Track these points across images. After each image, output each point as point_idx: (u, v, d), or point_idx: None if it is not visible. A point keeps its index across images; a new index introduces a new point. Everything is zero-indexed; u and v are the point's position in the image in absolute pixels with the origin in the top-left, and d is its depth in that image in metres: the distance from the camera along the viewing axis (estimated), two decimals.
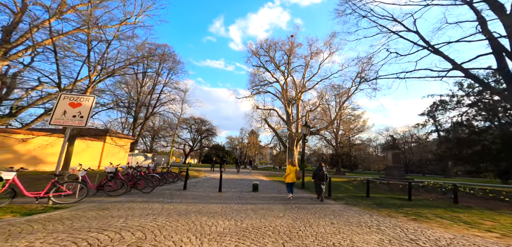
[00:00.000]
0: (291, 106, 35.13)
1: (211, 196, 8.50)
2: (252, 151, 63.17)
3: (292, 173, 8.61)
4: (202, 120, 50.40)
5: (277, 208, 6.91)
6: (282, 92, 35.24)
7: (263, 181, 16.02)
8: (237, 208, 6.70)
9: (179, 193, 8.80)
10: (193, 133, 49.96)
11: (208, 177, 16.88)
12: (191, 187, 10.77)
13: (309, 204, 7.88)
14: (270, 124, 35.51)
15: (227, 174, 20.79)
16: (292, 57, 35.55)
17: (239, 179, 16.76)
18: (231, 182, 13.94)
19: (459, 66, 14.44)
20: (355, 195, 10.47)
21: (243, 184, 13.25)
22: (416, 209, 7.62)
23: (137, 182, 8.46)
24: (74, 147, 11.91)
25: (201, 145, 54.45)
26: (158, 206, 6.39)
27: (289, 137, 33.77)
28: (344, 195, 10.22)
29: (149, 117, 28.39)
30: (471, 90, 17.30)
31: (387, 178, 15.59)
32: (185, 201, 7.31)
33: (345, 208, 7.33)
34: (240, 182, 14.18)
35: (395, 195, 10.93)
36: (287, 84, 35.15)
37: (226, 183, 13.45)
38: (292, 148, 32.62)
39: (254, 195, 9.28)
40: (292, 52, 34.67)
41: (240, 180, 15.57)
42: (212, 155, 54.70)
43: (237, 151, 62.85)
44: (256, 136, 63.38)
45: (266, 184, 13.80)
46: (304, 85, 34.29)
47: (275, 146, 59.97)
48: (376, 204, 8.28)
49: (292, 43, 34.77)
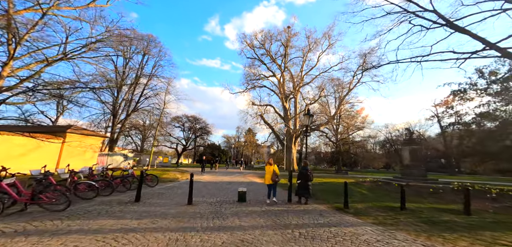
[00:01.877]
0: (288, 101, 32.18)
1: (170, 214, 5.41)
2: (249, 150, 60.08)
3: (269, 173, 7.44)
4: (196, 118, 47.10)
5: (270, 237, 3.87)
6: (278, 86, 32.28)
7: (256, 184, 12.96)
8: (198, 242, 3.64)
9: (119, 209, 5.68)
10: (186, 132, 46.63)
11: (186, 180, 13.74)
12: (154, 197, 7.65)
13: (320, 225, 4.86)
14: (267, 121, 32.53)
15: (216, 175, 17.69)
16: (289, 49, 32.61)
17: (227, 182, 13.66)
18: (214, 187, 10.85)
19: (493, 45, 11.57)
20: (381, 204, 7.49)
21: (229, 190, 10.17)
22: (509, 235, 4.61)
23: (38, 197, 5.21)
24: (17, 147, 8.73)
25: (195, 144, 51.14)
26: None
27: (287, 134, 30.82)
28: (366, 206, 7.23)
29: (131, 113, 25.07)
30: (495, 78, 14.46)
31: (404, 178, 12.66)
32: (112, 225, 4.21)
33: (384, 235, 4.31)
34: (226, 187, 11.09)
35: (439, 205, 7.96)
36: (284, 78, 32.19)
37: (208, 188, 10.36)
38: (290, 145, 29.67)
39: (239, 210, 6.21)
40: (288, 43, 31.69)
41: (227, 184, 12.48)
42: (207, 154, 51.57)
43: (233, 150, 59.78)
44: (253, 134, 60.33)
45: (259, 189, 10.76)
46: (302, 78, 31.36)
47: (272, 145, 56.99)
48: (425, 223, 5.29)
49: (289, 34, 31.78)
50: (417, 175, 12.33)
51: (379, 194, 9.45)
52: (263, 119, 31.91)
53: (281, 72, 31.98)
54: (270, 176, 7.32)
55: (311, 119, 9.96)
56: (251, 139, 56.68)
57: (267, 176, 7.45)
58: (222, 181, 13.59)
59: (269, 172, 7.39)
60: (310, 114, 9.98)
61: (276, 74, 32.59)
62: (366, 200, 8.17)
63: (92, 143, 15.34)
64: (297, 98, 31.54)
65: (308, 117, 9.94)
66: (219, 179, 14.79)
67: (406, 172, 12.86)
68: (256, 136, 61.41)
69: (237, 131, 60.07)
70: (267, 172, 7.48)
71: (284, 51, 32.05)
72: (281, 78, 31.96)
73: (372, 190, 10.75)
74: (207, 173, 19.82)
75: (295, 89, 30.65)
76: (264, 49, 33.45)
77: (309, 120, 9.98)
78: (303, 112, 30.71)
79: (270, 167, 7.44)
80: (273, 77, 33.07)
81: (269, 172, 7.42)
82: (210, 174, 18.82)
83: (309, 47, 31.35)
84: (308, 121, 9.97)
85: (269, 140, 49.52)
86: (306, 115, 9.98)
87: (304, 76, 31.37)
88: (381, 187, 11.64)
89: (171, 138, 44.19)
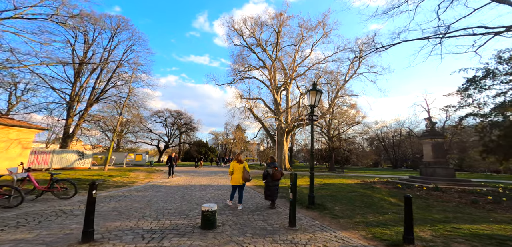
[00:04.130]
0: (279, 93, 29.07)
1: None
2: (238, 147, 56.51)
3: (238, 172, 5.84)
4: (180, 113, 42.75)
5: None
6: (269, 77, 29.04)
7: None
8: None
9: None
10: (169, 128, 42.14)
11: (152, 184, 10.09)
12: (33, 220, 4.02)
13: None
14: (256, 115, 29.22)
15: (194, 176, 14.11)
16: (281, 38, 29.41)
17: (202, 186, 10.20)
18: (176, 197, 7.34)
19: None
20: (456, 229, 4.42)
21: (198, 202, 6.71)
22: None
23: None
24: None
25: (180, 141, 46.71)
26: None
27: (278, 128, 27.72)
28: (434, 233, 4.10)
29: (94, 103, 20.52)
30: None
31: (426, 178, 9.94)
32: None
33: None
34: (196, 197, 7.63)
35: None
36: (275, 68, 28.97)
37: (165, 198, 6.83)
38: (281, 141, 26.60)
39: None
40: (281, 29, 28.48)
41: (200, 190, 9.02)
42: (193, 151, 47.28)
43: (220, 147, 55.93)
44: (242, 131, 56.82)
45: (245, 196, 7.44)
46: (295, 69, 28.35)
47: (262, 141, 53.89)
48: None
49: (281, 20, 28.55)
50: (443, 174, 9.64)
51: (418, 205, 6.46)
52: (252, 113, 28.56)
53: (272, 62, 28.74)
54: (241, 175, 5.83)
55: (318, 97, 6.79)
56: (240, 136, 53.13)
57: (236, 175, 5.88)
58: (196, 185, 10.07)
59: (239, 170, 5.87)
60: (318, 90, 6.79)
61: (266, 64, 29.32)
62: (422, 220, 5.11)
63: (20, 136, 11.11)
64: (289, 90, 28.55)
65: (315, 93, 6.74)
66: (194, 182, 11.25)
67: (428, 171, 10.16)
68: (245, 133, 58.02)
69: (226, 128, 56.24)
70: (236, 170, 5.92)
71: (276, 38, 28.82)
72: (272, 68, 28.72)
73: (396, 196, 7.79)
74: (185, 174, 16.13)
75: (287, 80, 27.61)
76: (254, 38, 30.05)
77: (317, 98, 6.79)
78: (296, 105, 27.77)
79: (240, 165, 5.91)
80: (264, 68, 29.77)
81: (239, 170, 5.88)
82: (187, 175, 15.18)
83: (302, 37, 28.40)
84: (315, 100, 6.78)
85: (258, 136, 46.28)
86: (312, 90, 6.77)
87: (297, 67, 28.39)
88: (404, 190, 8.78)
89: (152, 134, 39.60)
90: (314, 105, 6.79)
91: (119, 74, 22.60)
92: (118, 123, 17.89)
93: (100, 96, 21.04)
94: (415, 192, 8.20)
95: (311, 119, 6.81)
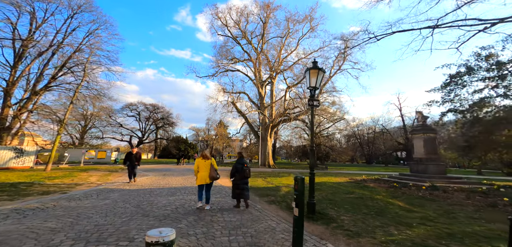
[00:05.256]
0: (264, 87, 27.64)
1: None
2: (220, 144, 53.97)
3: (204, 169, 5.01)
4: (156, 106, 38.82)
5: None
6: (254, 71, 27.39)
7: (221, 191, 7.88)
8: None
9: None
10: (143, 122, 38.02)
11: (102, 188, 7.82)
12: None
13: None
14: (240, 109, 27.40)
15: (167, 176, 11.90)
16: (267, 30, 27.86)
17: (171, 190, 8.26)
18: (128, 207, 5.36)
19: None
20: None
21: (152, 217, 4.84)
22: None
23: None
24: None
25: (157, 136, 42.69)
26: None
27: (262, 124, 26.30)
28: None
29: (41, 92, 16.60)
30: (492, 62, 12.43)
31: (417, 176, 9.33)
32: None
33: None
34: (157, 206, 5.72)
35: None
36: (260, 61, 27.40)
37: (109, 211, 4.80)
38: (265, 136, 25.25)
39: None
40: (267, 21, 26.89)
41: (167, 196, 7.09)
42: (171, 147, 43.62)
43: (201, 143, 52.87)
44: (224, 127, 54.35)
45: (222, 202, 5.74)
46: (280, 62, 27.12)
47: (245, 138, 52.20)
48: None
49: (268, 12, 26.95)
50: (435, 171, 9.09)
51: (434, 209, 5.43)
52: (236, 107, 26.67)
53: (257, 55, 27.09)
54: (208, 173, 5.03)
55: (320, 77, 5.35)
56: (222, 132, 50.70)
57: (202, 173, 5.04)
58: (163, 188, 8.04)
59: (206, 167, 5.08)
60: (320, 69, 5.34)
61: (251, 57, 27.58)
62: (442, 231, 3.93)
63: None
64: (274, 84, 27.30)
65: (316, 72, 5.29)
66: (163, 183, 9.16)
67: (420, 168, 9.57)
68: (228, 129, 55.67)
69: (207, 124, 53.20)
70: (202, 168, 5.08)
71: (262, 30, 27.19)
72: (257, 62, 27.09)
73: (400, 197, 6.81)
74: (156, 173, 13.74)
75: (273, 73, 26.27)
76: (239, 30, 28.02)
77: (318, 79, 5.34)
78: (281, 99, 26.60)
79: (206, 162, 5.13)
80: (249, 61, 27.97)
81: (205, 167, 5.08)
82: (159, 174, 12.88)
83: (288, 31, 27.24)
84: (316, 81, 5.33)
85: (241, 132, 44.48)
86: (313, 69, 5.30)
87: (282, 61, 27.18)
88: (401, 190, 7.93)
89: (123, 129, 35.26)
90: (315, 87, 5.34)
91: (77, 60, 18.81)
92: (67, 114, 14.56)
93: (50, 84, 17.12)
94: (415, 192, 7.36)
95: (311, 104, 5.36)
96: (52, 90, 18.35)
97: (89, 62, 16.74)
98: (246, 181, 5.31)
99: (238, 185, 5.20)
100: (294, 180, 2.98)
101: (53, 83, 17.66)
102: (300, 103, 26.63)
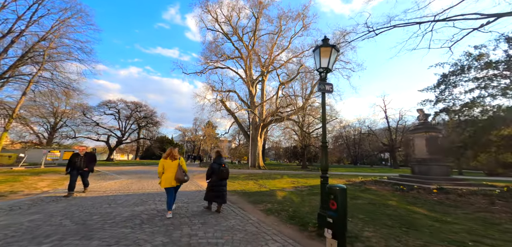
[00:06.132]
0: (255, 86, 26.45)
1: None
2: (208, 145, 51.70)
3: (170, 170, 4.28)
4: (138, 104, 35.90)
5: None
6: (245, 68, 26.13)
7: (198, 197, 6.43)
8: None
9: None
10: (123, 121, 34.88)
11: (44, 197, 6.01)
12: None
13: None
14: (229, 108, 25.92)
15: (139, 178, 10.14)
16: (258, 28, 26.76)
17: (138, 195, 6.68)
18: (61, 230, 3.76)
19: None
20: None
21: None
22: None
23: None
24: None
25: (139, 136, 39.57)
26: None
27: (252, 123, 25.02)
28: None
29: (5, 83, 13.87)
30: (483, 62, 12.42)
31: (420, 177, 8.64)
32: None
33: None
34: (104, 229, 4.17)
35: None
36: (251, 58, 26.22)
37: (27, 237, 3.19)
38: (255, 137, 23.99)
39: None
40: (260, 16, 25.79)
41: (132, 207, 5.52)
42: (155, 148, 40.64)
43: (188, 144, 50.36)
44: (213, 127, 52.23)
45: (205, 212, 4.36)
46: (272, 61, 26.14)
47: (234, 138, 50.54)
48: None
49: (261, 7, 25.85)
50: (439, 173, 8.44)
51: (469, 219, 4.51)
52: (224, 105, 25.16)
53: (248, 52, 25.85)
54: (174, 174, 4.23)
55: (334, 58, 4.22)
56: (210, 132, 48.60)
57: (168, 175, 4.21)
58: (133, 194, 6.42)
59: (172, 168, 4.26)
60: (333, 46, 4.20)
61: (242, 54, 26.30)
62: None
63: None
64: (266, 82, 26.24)
65: (329, 51, 4.15)
66: (134, 188, 7.50)
67: (422, 169, 8.90)
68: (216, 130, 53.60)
69: (195, 124, 50.77)
70: (168, 168, 4.24)
71: (255, 26, 26.00)
72: (247, 59, 25.86)
73: (416, 203, 5.89)
74: (132, 175, 11.84)
75: (264, 71, 25.20)
76: (230, 25, 26.61)
77: (331, 59, 4.20)
78: (273, 97, 25.52)
79: (173, 162, 4.31)
80: (239, 58, 26.61)
81: (171, 168, 4.25)
82: (135, 176, 11.04)
83: (280, 28, 26.39)
84: (328, 62, 4.19)
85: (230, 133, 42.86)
86: (324, 47, 4.16)
87: (274, 59, 26.20)
88: (408, 193, 7.09)
89: (100, 128, 32.00)
90: (327, 68, 4.20)
91: (42, 50, 16.18)
92: (17, 107, 12.18)
93: (5, 75, 14.37)
94: (426, 196, 6.53)
95: (322, 89, 4.19)
96: (8, 83, 15.54)
97: (51, 49, 14.32)
98: (224, 183, 4.78)
99: (213, 187, 4.67)
100: (328, 191, 1.75)
101: (8, 74, 14.90)
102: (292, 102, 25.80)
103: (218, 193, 4.62)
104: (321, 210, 3.82)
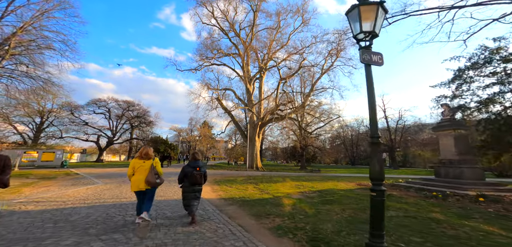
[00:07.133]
0: (253, 83, 25.04)
1: None
2: (204, 145, 49.89)
3: (141, 171, 3.64)
4: (130, 103, 33.96)
5: None
6: (242, 65, 24.69)
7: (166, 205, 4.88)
8: None
9: None
10: (114, 120, 32.87)
11: None
12: None
13: None
14: (225, 106, 24.40)
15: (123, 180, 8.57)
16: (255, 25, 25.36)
17: (113, 205, 5.09)
18: None
19: None
20: None
21: None
22: None
23: None
24: None
25: (132, 137, 37.55)
26: None
27: (250, 122, 23.55)
28: None
29: None
30: (500, 56, 11.29)
31: (451, 182, 7.34)
32: None
33: None
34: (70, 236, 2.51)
35: None
36: (249, 55, 24.81)
37: None
38: (253, 136, 22.50)
39: None
40: (258, 10, 24.40)
41: (67, 232, 3.85)
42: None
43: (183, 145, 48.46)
44: (209, 127, 50.50)
45: None
46: (270, 57, 24.81)
47: (230, 139, 48.94)
48: None
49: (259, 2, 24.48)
50: (472, 176, 7.16)
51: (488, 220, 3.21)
52: (221, 104, 23.61)
53: (245, 48, 24.43)
54: (144, 176, 3.61)
55: (380, 21, 2.84)
56: (206, 132, 46.86)
57: (138, 177, 3.62)
58: (105, 205, 4.85)
59: (143, 170, 3.64)
60: (380, 3, 2.80)
61: (239, 50, 24.86)
62: None
63: None
64: (264, 79, 24.87)
65: (376, 7, 2.75)
66: (109, 196, 5.92)
67: (450, 173, 7.60)
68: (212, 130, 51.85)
69: (190, 124, 48.93)
70: (139, 170, 3.64)
71: (253, 20, 24.59)
72: (245, 55, 24.43)
73: (470, 217, 4.56)
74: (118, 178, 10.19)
75: (263, 67, 23.83)
76: (226, 21, 25.11)
77: (377, 22, 2.81)
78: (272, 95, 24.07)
79: (145, 163, 3.69)
80: (237, 55, 25.15)
81: (142, 169, 3.64)
82: (121, 179, 9.42)
83: (279, 25, 25.10)
84: (374, 24, 2.79)
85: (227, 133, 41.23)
86: (365, 5, 2.77)
87: (273, 55, 24.86)
88: (444, 201, 5.77)
89: (89, 128, 29.95)
90: (373, 32, 2.79)
91: (20, 41, 14.39)
92: None
93: None
94: (472, 206, 5.21)
95: (367, 60, 2.77)
96: None
97: (20, 40, 12.57)
98: (197, 189, 4.08)
99: (185, 195, 4.03)
100: None
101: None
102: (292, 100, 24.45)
103: (189, 201, 3.95)
104: (372, 239, 2.40)
